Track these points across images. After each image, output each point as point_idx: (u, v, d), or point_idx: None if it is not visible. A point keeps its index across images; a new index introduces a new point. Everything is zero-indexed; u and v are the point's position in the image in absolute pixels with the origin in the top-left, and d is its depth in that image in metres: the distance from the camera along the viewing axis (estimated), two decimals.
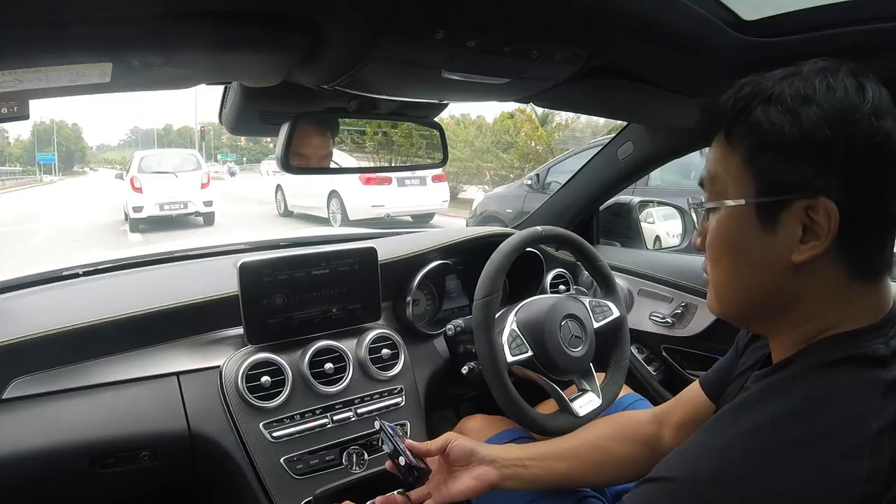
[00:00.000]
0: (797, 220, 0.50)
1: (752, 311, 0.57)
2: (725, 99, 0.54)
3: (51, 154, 46.63)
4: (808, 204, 0.49)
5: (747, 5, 0.75)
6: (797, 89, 0.50)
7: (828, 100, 0.49)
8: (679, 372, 1.46)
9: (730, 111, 0.53)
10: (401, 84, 0.84)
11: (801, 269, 0.51)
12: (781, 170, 0.50)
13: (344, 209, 8.05)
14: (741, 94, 0.53)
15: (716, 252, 0.57)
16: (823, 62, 0.52)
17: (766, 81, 0.52)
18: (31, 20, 0.51)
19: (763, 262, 0.53)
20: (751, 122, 0.51)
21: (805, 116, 0.49)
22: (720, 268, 0.57)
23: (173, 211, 8.89)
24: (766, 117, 0.50)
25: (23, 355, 0.90)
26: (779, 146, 0.50)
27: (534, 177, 5.56)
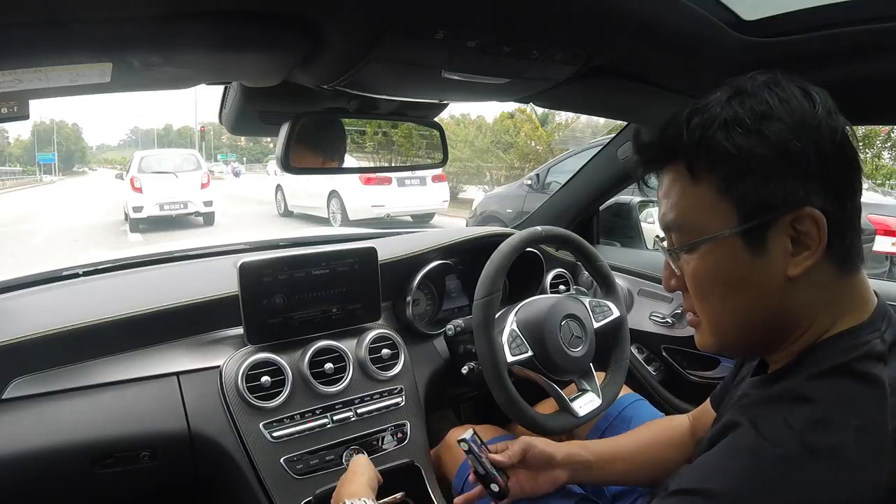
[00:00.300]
0: (785, 235, 0.50)
1: (754, 336, 0.55)
2: (675, 133, 0.53)
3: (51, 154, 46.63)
4: (793, 217, 0.49)
5: (747, 5, 0.75)
6: (751, 108, 0.50)
7: (786, 112, 0.49)
8: (679, 372, 1.46)
9: (687, 143, 0.52)
10: (401, 84, 0.84)
11: (796, 282, 0.51)
12: (764, 191, 0.49)
13: (344, 209, 8.06)
14: (692, 125, 0.51)
15: (704, 290, 0.55)
16: (762, 76, 0.52)
17: (714, 107, 0.51)
18: (31, 20, 0.51)
19: (759, 286, 0.52)
20: (715, 152, 0.50)
21: (770, 133, 0.49)
22: (711, 304, 0.55)
23: (173, 211, 8.89)
24: (730, 143, 0.49)
25: (23, 355, 0.90)
26: (755, 168, 0.49)
27: (534, 177, 5.56)
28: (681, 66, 0.87)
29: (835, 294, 0.52)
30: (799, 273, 0.50)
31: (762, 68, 0.54)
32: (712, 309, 0.55)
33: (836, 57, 0.77)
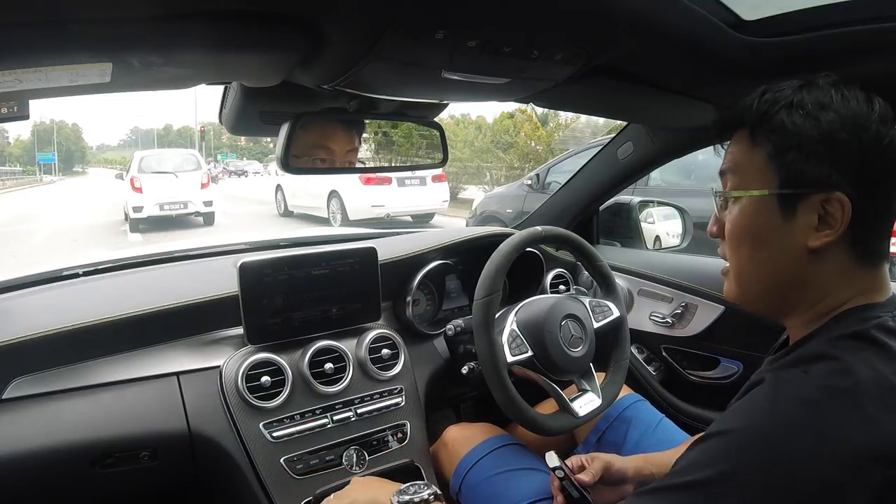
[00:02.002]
0: (813, 211, 0.56)
1: (770, 294, 0.62)
2: (748, 103, 0.61)
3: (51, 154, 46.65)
4: (824, 197, 0.56)
5: (747, 5, 0.75)
6: (816, 97, 0.57)
7: (843, 107, 0.56)
8: (679, 372, 1.46)
9: (754, 114, 0.60)
10: (401, 84, 0.84)
11: (814, 255, 0.57)
12: (803, 166, 0.56)
13: (344, 209, 8.06)
14: (763, 99, 0.59)
15: (737, 239, 0.62)
16: (835, 77, 0.59)
17: (785, 90, 0.59)
18: (31, 20, 0.51)
19: (781, 248, 0.59)
20: (774, 124, 0.58)
21: (824, 120, 0.56)
22: (740, 254, 0.62)
23: (173, 211, 8.89)
24: (789, 120, 0.57)
25: (23, 355, 0.90)
26: (801, 145, 0.56)
27: (534, 177, 5.56)
28: (681, 65, 0.87)
29: (851, 278, 0.58)
30: (818, 246, 0.57)
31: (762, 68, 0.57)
32: (740, 258, 0.62)
33: (836, 57, 0.77)
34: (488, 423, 1.11)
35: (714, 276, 1.40)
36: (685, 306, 1.41)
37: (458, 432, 1.13)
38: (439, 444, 1.15)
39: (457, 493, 1.05)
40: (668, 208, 1.86)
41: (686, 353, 1.45)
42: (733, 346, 1.35)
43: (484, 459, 1.05)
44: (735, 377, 1.36)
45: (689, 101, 1.01)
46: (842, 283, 0.58)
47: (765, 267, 0.61)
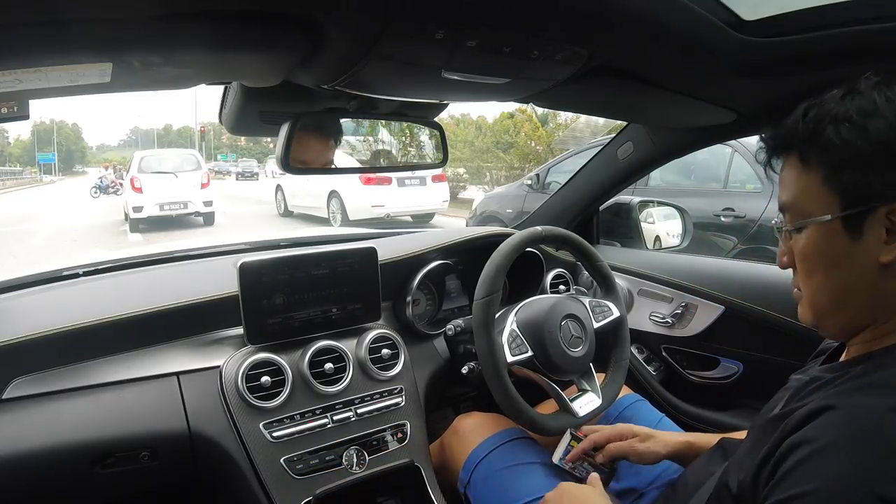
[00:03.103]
0: (881, 225, 0.54)
1: (846, 315, 0.60)
2: (792, 125, 0.59)
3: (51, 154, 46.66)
4: (888, 209, 0.54)
5: (747, 5, 0.75)
6: (859, 106, 0.55)
7: (889, 110, 0.54)
8: (679, 372, 1.46)
9: (801, 136, 0.58)
10: (401, 84, 0.84)
11: (888, 269, 0.55)
12: (860, 182, 0.54)
13: (344, 209, 8.05)
14: (808, 118, 0.57)
15: (808, 267, 0.60)
16: (875, 77, 0.57)
17: (828, 102, 0.57)
18: (31, 20, 0.51)
19: (854, 269, 0.57)
20: (824, 143, 0.56)
21: (873, 129, 0.53)
22: (814, 281, 0.60)
23: (173, 211, 8.89)
24: (837, 136, 0.55)
25: (23, 355, 0.90)
26: (855, 161, 0.54)
27: (534, 177, 5.56)
28: (681, 66, 0.87)
29: None
30: (891, 260, 0.54)
31: (762, 68, 0.56)
32: (813, 285, 0.61)
33: (836, 57, 0.77)
34: (500, 415, 1.09)
35: (714, 276, 1.40)
36: (685, 306, 1.41)
37: (470, 422, 1.13)
38: (450, 432, 1.15)
39: (465, 486, 1.05)
40: (668, 208, 1.86)
41: (686, 353, 1.45)
42: (733, 346, 1.35)
43: (494, 452, 1.05)
44: (735, 377, 1.36)
45: (689, 101, 1.01)
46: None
47: (840, 290, 0.59)
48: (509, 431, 1.09)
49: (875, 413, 0.50)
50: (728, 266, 1.49)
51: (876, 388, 0.53)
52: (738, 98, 1.03)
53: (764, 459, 0.55)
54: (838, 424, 0.51)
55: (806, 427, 0.52)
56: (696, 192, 4.14)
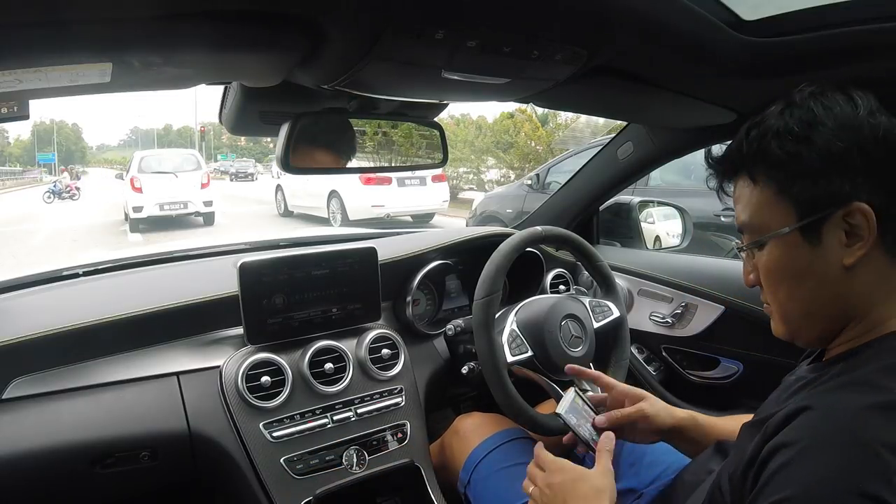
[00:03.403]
0: (839, 229, 0.55)
1: (819, 323, 0.60)
2: (738, 146, 0.60)
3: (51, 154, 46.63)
4: (844, 212, 0.55)
5: (747, 5, 0.75)
6: (800, 117, 0.56)
7: (829, 117, 0.55)
8: (679, 372, 1.46)
9: (746, 155, 0.59)
10: (401, 84, 0.84)
11: (853, 271, 0.56)
12: (813, 191, 0.55)
13: (344, 209, 8.05)
14: (751, 137, 0.59)
15: (774, 281, 0.61)
16: (809, 88, 0.58)
17: (768, 119, 0.58)
18: (31, 20, 0.51)
19: (819, 276, 0.57)
20: (771, 159, 0.57)
21: (816, 138, 0.55)
22: (781, 294, 0.61)
23: (173, 211, 8.89)
24: (782, 150, 0.56)
25: (23, 355, 0.90)
26: (803, 172, 0.55)
27: (534, 177, 5.56)
28: (681, 65, 0.87)
29: (893, 280, 0.57)
30: (854, 262, 0.55)
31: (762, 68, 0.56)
32: (781, 298, 0.61)
33: (836, 57, 0.77)
34: (500, 415, 1.09)
35: (714, 276, 1.40)
36: (685, 306, 1.41)
37: (470, 421, 1.13)
38: (451, 432, 1.15)
39: (465, 485, 1.05)
40: (668, 208, 1.86)
41: (686, 353, 1.45)
42: (733, 346, 1.35)
43: (495, 452, 1.05)
44: (735, 377, 1.36)
45: (689, 101, 1.01)
46: (884, 294, 0.57)
47: (807, 300, 0.59)
48: (509, 431, 1.09)
49: (849, 412, 0.51)
50: (728, 266, 1.49)
51: (852, 387, 0.53)
52: (738, 98, 1.03)
53: (748, 463, 0.56)
54: (815, 425, 0.51)
55: (785, 429, 0.53)
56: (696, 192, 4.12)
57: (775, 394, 0.66)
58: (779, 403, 0.60)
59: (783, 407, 0.56)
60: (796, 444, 0.51)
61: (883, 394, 0.51)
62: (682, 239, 1.79)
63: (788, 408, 0.54)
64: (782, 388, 0.66)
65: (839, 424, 0.50)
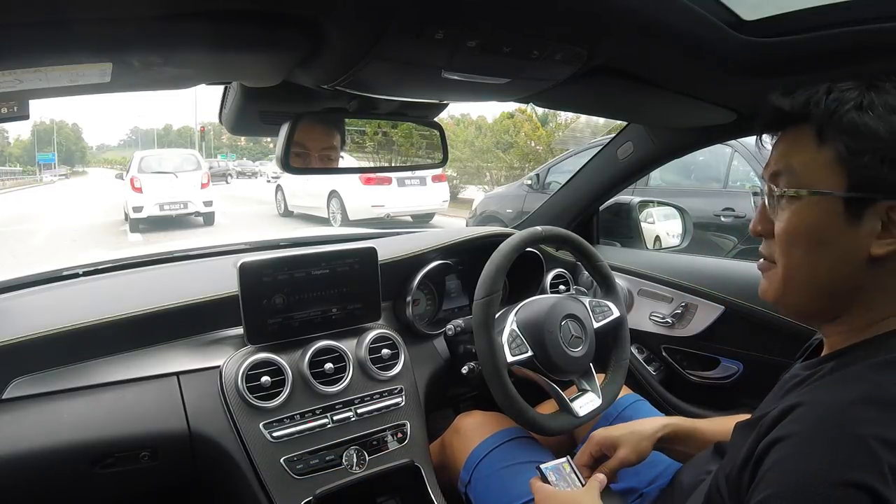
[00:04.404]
0: (878, 218, 0.55)
1: (819, 299, 0.60)
2: (815, 99, 0.58)
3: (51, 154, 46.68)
4: (891, 205, 0.54)
5: (747, 5, 0.75)
6: (885, 100, 0.55)
7: None
8: (679, 372, 1.46)
9: (823, 111, 0.57)
10: (401, 84, 0.84)
11: (874, 263, 0.55)
12: (877, 171, 0.54)
13: (344, 209, 8.05)
14: (831, 98, 0.57)
15: (793, 240, 0.59)
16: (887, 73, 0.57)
17: (852, 90, 0.57)
18: (31, 20, 0.51)
19: (841, 252, 0.56)
20: (846, 124, 0.55)
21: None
22: (791, 255, 0.59)
23: (173, 211, 8.88)
24: (861, 121, 0.55)
25: (23, 355, 0.90)
26: (875, 150, 0.54)
27: (534, 177, 5.56)
28: (681, 65, 0.87)
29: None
30: (881, 254, 0.55)
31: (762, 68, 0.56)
32: (793, 260, 0.59)
33: (836, 57, 0.77)
34: (501, 414, 1.09)
35: (714, 276, 1.40)
36: (685, 306, 1.41)
37: (471, 420, 1.13)
38: (451, 431, 1.16)
39: (466, 485, 1.05)
40: (668, 208, 1.86)
41: (686, 353, 1.45)
42: (733, 346, 1.35)
43: (495, 451, 1.05)
44: (735, 377, 1.36)
45: (689, 101, 1.01)
46: (890, 294, 0.57)
47: (820, 271, 0.58)
48: (510, 430, 1.09)
49: (840, 406, 0.51)
50: (728, 266, 1.49)
51: (844, 382, 0.54)
52: (738, 98, 1.03)
53: (744, 461, 0.56)
54: (807, 420, 0.52)
55: (778, 426, 0.53)
56: (696, 192, 4.14)
57: (771, 393, 0.67)
58: (773, 402, 0.60)
59: (777, 405, 0.56)
60: (788, 439, 0.52)
61: (874, 388, 0.52)
62: (682, 239, 1.79)
63: (781, 405, 0.55)
64: (778, 386, 0.66)
65: (830, 418, 0.51)
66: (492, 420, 1.12)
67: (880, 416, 0.49)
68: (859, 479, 0.47)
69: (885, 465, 0.47)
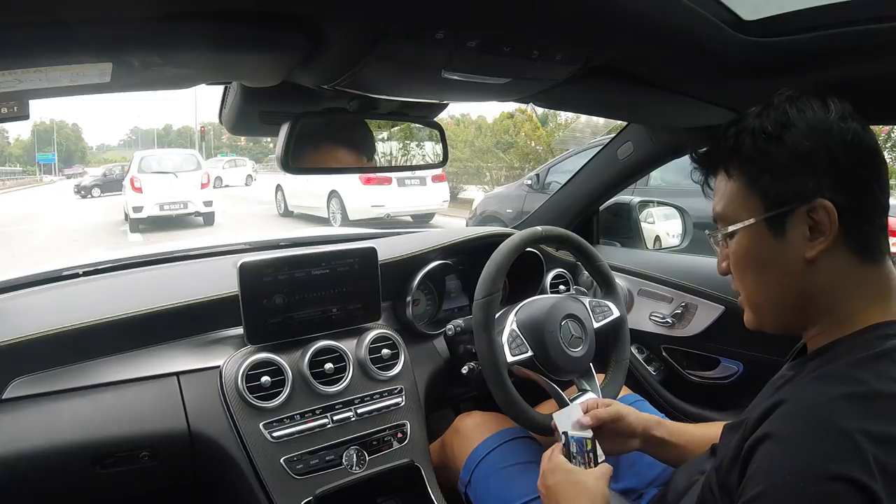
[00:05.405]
0: (803, 224, 0.58)
1: (784, 313, 0.64)
2: (716, 143, 0.65)
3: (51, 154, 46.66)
4: (808, 208, 0.58)
5: (747, 5, 0.75)
6: (775, 118, 0.60)
7: (801, 120, 0.59)
8: (679, 372, 1.46)
9: (723, 150, 0.64)
10: (401, 84, 0.84)
11: (815, 265, 0.59)
12: (779, 186, 0.59)
13: (344, 209, 8.05)
14: (728, 134, 0.63)
15: (740, 269, 0.65)
16: (788, 92, 0.62)
17: (747, 119, 0.63)
18: (31, 20, 0.51)
19: (781, 266, 0.61)
20: (744, 154, 0.61)
21: (787, 138, 0.59)
22: (747, 282, 0.65)
23: (173, 211, 8.89)
24: (755, 147, 0.60)
25: (23, 355, 0.90)
26: (772, 168, 0.59)
27: (534, 177, 5.56)
28: (681, 66, 0.87)
29: (858, 279, 0.59)
30: (815, 255, 0.58)
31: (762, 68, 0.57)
32: (748, 287, 0.65)
33: (836, 57, 0.77)
34: (501, 414, 1.09)
35: (714, 276, 1.40)
36: (685, 306, 1.41)
37: (471, 421, 1.13)
38: (451, 431, 1.16)
39: (466, 485, 1.05)
40: (668, 208, 1.86)
41: (686, 353, 1.45)
42: (733, 346, 1.35)
43: (495, 451, 1.05)
44: (735, 377, 1.36)
45: (689, 101, 1.01)
46: (850, 285, 0.59)
47: (772, 288, 0.63)
48: (510, 431, 1.09)
49: (823, 401, 0.53)
50: None
51: (823, 379, 0.56)
52: (738, 98, 1.03)
53: (731, 461, 0.58)
54: (789, 417, 0.54)
55: (763, 424, 0.55)
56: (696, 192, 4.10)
57: (760, 395, 0.68)
58: (761, 402, 0.61)
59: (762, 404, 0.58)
60: (773, 436, 0.53)
61: (856, 384, 0.53)
62: (682, 239, 1.79)
63: (765, 404, 0.57)
64: (767, 388, 0.67)
65: (813, 414, 0.52)
66: (492, 420, 1.12)
67: (862, 409, 0.51)
68: (845, 471, 0.48)
69: (869, 456, 0.48)
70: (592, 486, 0.79)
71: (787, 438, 0.52)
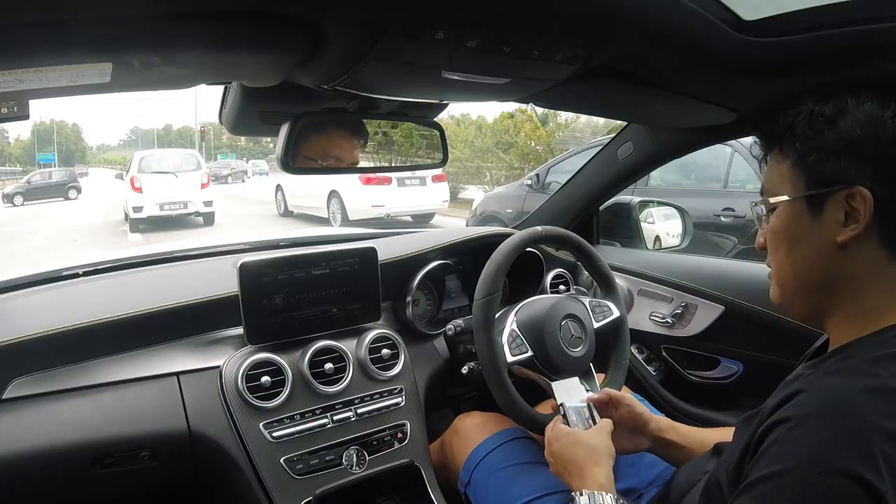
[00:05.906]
0: (840, 208, 0.60)
1: (808, 293, 0.65)
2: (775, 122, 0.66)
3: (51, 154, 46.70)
4: (847, 193, 0.59)
5: (747, 5, 0.75)
6: (833, 104, 0.62)
7: (858, 110, 0.60)
8: (679, 372, 1.46)
9: (781, 129, 0.65)
10: (401, 84, 0.84)
11: (845, 249, 0.60)
12: (824, 166, 0.61)
13: (344, 209, 8.05)
14: (787, 114, 0.65)
15: (775, 243, 0.66)
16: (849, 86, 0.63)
17: (807, 103, 0.64)
18: (31, 20, 0.51)
19: (813, 245, 0.62)
20: (797, 133, 0.63)
21: (841, 123, 0.60)
22: (779, 257, 0.66)
23: (173, 211, 8.90)
24: (809, 127, 0.62)
25: (23, 355, 0.90)
26: (820, 147, 0.61)
27: (534, 177, 5.56)
28: (681, 65, 0.87)
29: (884, 274, 0.60)
30: (846, 240, 0.59)
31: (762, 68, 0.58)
32: (778, 260, 0.66)
33: (836, 57, 0.77)
34: (501, 414, 1.09)
35: (714, 276, 1.40)
36: (685, 306, 1.41)
37: (471, 421, 1.14)
38: (451, 432, 1.16)
39: (466, 485, 1.05)
40: (668, 208, 1.86)
41: (686, 353, 1.45)
42: (733, 346, 1.35)
43: (495, 451, 1.05)
44: (735, 377, 1.36)
45: (689, 101, 1.01)
46: (875, 277, 0.60)
47: (800, 265, 0.64)
48: (510, 431, 1.09)
49: (842, 393, 0.54)
50: (728, 266, 1.49)
51: (844, 373, 0.56)
52: (738, 98, 1.03)
53: (744, 449, 0.58)
54: (807, 405, 0.54)
55: (779, 410, 0.56)
56: (696, 192, 4.14)
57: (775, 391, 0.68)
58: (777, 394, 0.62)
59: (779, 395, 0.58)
60: (787, 420, 0.54)
61: (874, 379, 0.53)
62: (682, 239, 1.79)
63: (783, 393, 0.57)
64: (781, 387, 0.67)
65: (830, 403, 0.53)
66: (492, 420, 1.12)
67: (878, 403, 0.51)
68: (853, 468, 0.48)
69: (878, 455, 0.48)
70: (595, 442, 0.85)
71: (800, 425, 0.53)
